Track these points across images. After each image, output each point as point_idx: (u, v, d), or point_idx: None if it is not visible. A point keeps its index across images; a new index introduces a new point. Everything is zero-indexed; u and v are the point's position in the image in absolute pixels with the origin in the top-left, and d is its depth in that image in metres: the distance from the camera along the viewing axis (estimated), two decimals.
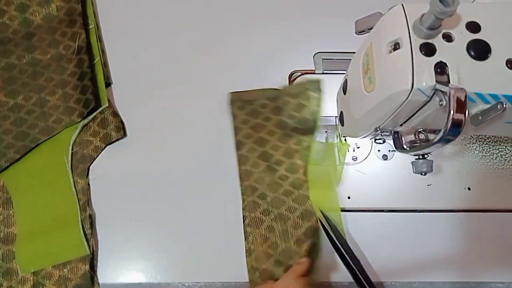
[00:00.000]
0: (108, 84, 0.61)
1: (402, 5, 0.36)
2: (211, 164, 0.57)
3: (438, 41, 0.34)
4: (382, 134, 0.46)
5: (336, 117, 0.58)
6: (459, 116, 0.32)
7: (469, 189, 0.56)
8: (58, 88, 0.58)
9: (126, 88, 0.61)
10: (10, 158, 0.56)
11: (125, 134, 0.59)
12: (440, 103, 0.34)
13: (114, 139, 0.58)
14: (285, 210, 0.53)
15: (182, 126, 0.59)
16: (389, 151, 0.57)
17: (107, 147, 0.58)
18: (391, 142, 0.46)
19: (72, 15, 0.62)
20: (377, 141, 0.51)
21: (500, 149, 0.58)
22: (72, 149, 0.57)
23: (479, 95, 0.34)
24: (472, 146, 0.58)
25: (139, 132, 0.59)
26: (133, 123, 0.59)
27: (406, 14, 0.35)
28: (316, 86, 0.58)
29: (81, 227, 0.53)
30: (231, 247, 0.54)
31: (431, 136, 0.43)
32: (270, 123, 0.58)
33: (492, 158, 0.57)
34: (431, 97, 0.35)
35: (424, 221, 0.55)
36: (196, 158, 0.58)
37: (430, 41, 0.34)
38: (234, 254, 0.54)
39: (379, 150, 0.57)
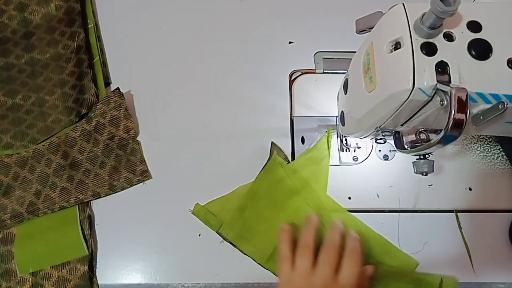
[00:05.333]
0: (107, 83, 0.61)
1: (403, 4, 0.36)
2: (210, 164, 0.57)
3: (439, 41, 0.34)
4: (383, 134, 0.46)
5: (336, 117, 0.58)
6: (460, 116, 0.32)
7: (470, 189, 0.56)
8: (57, 88, 0.58)
9: (126, 88, 0.61)
10: None
11: None
12: (441, 102, 0.34)
13: None
14: None
15: (180, 126, 0.59)
16: (390, 151, 0.57)
17: None
18: (392, 142, 0.46)
19: (71, 14, 0.62)
20: (378, 141, 0.51)
21: (501, 149, 0.58)
22: None
23: (480, 95, 0.34)
24: (473, 146, 0.58)
25: (138, 132, 0.59)
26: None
27: (407, 13, 0.35)
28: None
29: (80, 227, 0.53)
30: (231, 248, 0.54)
31: (432, 136, 0.42)
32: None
33: (493, 158, 0.57)
34: (432, 97, 0.34)
35: (425, 221, 0.55)
36: (195, 157, 0.57)
37: (431, 40, 0.34)
38: (234, 254, 0.53)
39: (380, 150, 0.57)
